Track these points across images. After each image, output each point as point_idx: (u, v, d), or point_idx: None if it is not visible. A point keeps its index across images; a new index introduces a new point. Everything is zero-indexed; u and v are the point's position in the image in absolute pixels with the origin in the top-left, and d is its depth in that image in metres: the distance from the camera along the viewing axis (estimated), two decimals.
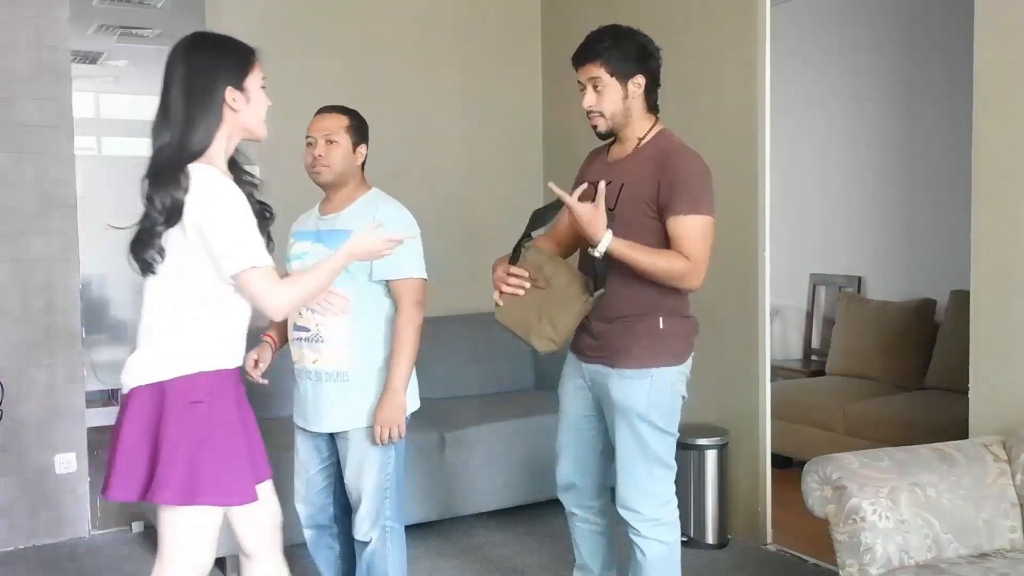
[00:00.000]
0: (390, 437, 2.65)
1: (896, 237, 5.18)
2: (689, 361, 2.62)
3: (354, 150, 2.78)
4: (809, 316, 5.63)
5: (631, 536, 2.60)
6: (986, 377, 2.98)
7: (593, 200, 2.41)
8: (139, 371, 2.10)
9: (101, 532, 4.06)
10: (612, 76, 2.49)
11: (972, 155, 3.00)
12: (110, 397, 4.13)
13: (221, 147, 2.11)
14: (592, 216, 2.37)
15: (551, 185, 2.45)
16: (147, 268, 2.11)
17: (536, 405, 4.18)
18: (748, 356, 3.80)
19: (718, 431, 3.83)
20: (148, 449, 2.04)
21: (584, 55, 2.52)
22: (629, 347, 2.52)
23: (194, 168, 2.03)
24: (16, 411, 3.88)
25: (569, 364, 2.74)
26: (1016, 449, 2.63)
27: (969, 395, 3.03)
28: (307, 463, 2.85)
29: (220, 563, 3.58)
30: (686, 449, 3.79)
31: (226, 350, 2.13)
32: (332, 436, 2.79)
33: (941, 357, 4.63)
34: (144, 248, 2.08)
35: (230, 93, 2.09)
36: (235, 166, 2.21)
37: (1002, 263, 2.93)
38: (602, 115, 2.52)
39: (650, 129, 2.56)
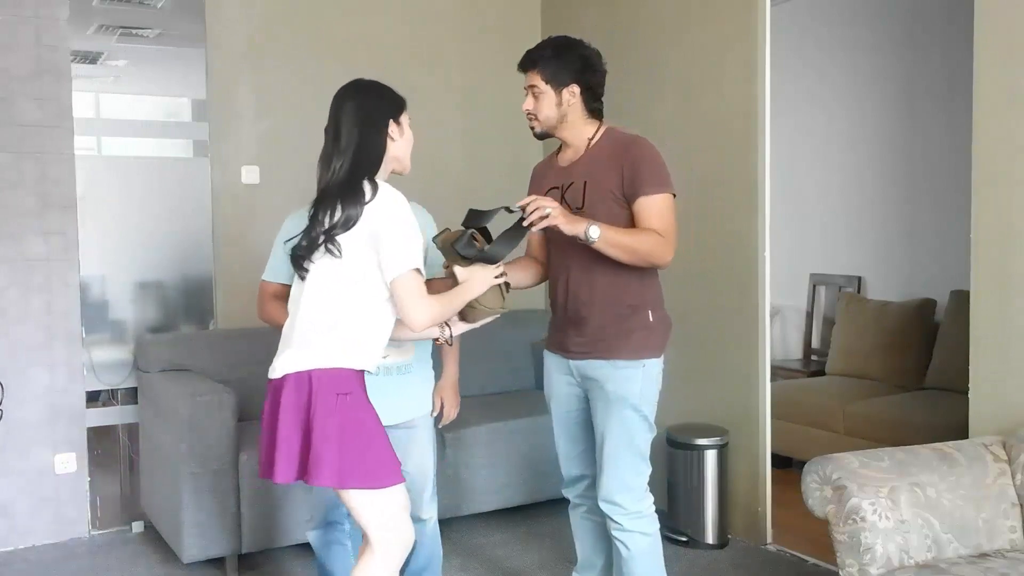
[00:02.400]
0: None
1: (896, 237, 5.18)
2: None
3: None
4: (809, 316, 5.63)
5: (614, 532, 2.67)
6: (986, 377, 2.98)
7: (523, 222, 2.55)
8: (293, 360, 2.28)
9: (101, 532, 4.06)
10: (547, 84, 2.65)
11: (972, 155, 3.00)
12: (110, 397, 4.13)
13: (384, 173, 2.41)
14: (568, 216, 2.51)
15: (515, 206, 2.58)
16: (305, 271, 2.32)
17: (536, 405, 4.16)
18: (748, 356, 3.80)
19: (718, 431, 3.83)
20: (301, 435, 2.24)
21: (524, 63, 2.71)
22: (625, 339, 2.62)
23: (380, 183, 2.32)
24: (16, 411, 3.88)
25: (552, 364, 2.83)
26: (1016, 449, 2.63)
27: (969, 395, 3.03)
28: None
29: (220, 563, 3.58)
30: (686, 449, 3.81)
31: (368, 353, 2.32)
32: None
33: (941, 357, 4.63)
34: (310, 253, 2.30)
35: (391, 126, 2.41)
36: None
37: (1002, 263, 2.93)
38: (536, 118, 2.69)
39: (596, 130, 2.70)
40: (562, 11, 4.88)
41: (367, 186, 2.29)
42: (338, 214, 2.26)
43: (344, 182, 2.29)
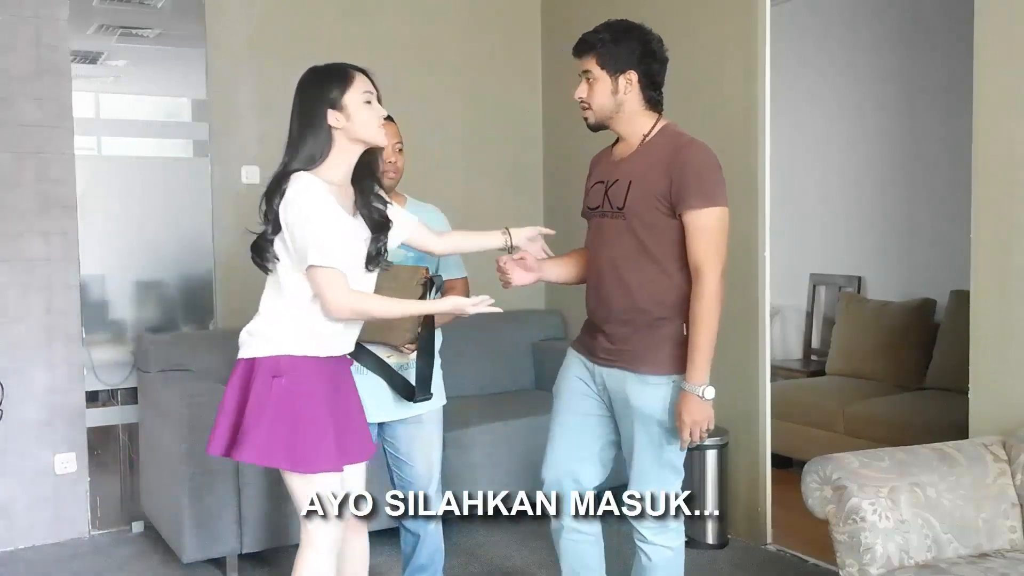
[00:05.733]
0: None
1: (896, 237, 5.18)
2: None
3: None
4: (809, 316, 5.63)
5: (638, 542, 2.57)
6: (986, 377, 2.98)
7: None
8: (243, 347, 2.40)
9: (101, 532, 4.06)
10: (603, 70, 2.47)
11: (972, 155, 3.00)
12: (110, 397, 4.13)
13: (336, 161, 2.35)
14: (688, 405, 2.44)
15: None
16: (264, 269, 2.39)
17: (536, 405, 4.17)
18: (748, 356, 3.80)
19: (718, 431, 3.83)
20: (235, 413, 2.35)
21: (579, 47, 2.52)
22: (654, 353, 2.47)
23: (294, 176, 2.31)
24: (16, 411, 3.88)
25: (574, 364, 2.66)
26: (1016, 449, 2.63)
27: (969, 395, 3.04)
28: None
29: (220, 563, 3.58)
30: (686, 449, 3.80)
31: (313, 340, 2.35)
32: (380, 426, 2.92)
33: (941, 357, 4.63)
34: (259, 252, 2.36)
35: (331, 115, 2.33)
36: (366, 180, 2.44)
37: (1002, 263, 2.93)
38: (590, 107, 2.51)
39: (654, 126, 2.52)
40: (562, 11, 4.88)
41: (287, 181, 2.31)
42: (268, 216, 2.33)
43: (274, 181, 2.35)
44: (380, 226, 2.42)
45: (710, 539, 3.82)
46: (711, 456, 3.78)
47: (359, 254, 2.38)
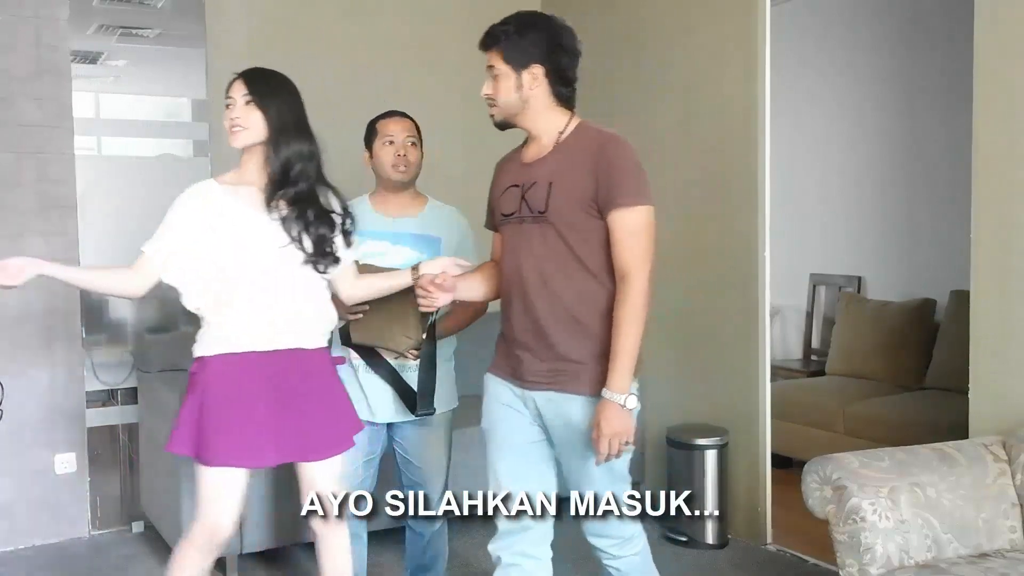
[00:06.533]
0: None
1: (896, 237, 5.18)
2: None
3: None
4: (809, 316, 5.63)
5: (605, 561, 2.50)
6: (986, 377, 2.98)
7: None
8: None
9: (101, 532, 4.06)
10: (507, 64, 2.33)
11: (972, 155, 3.00)
12: (110, 397, 4.13)
13: (243, 160, 2.63)
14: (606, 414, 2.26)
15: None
16: None
17: None
18: (748, 356, 3.80)
19: (718, 431, 3.83)
20: None
21: (484, 40, 2.40)
22: (594, 372, 2.28)
23: None
24: (16, 411, 3.88)
25: (500, 392, 2.46)
26: (1016, 449, 2.63)
27: (969, 395, 3.04)
28: (355, 455, 2.82)
29: (220, 563, 3.57)
30: (686, 449, 3.81)
31: (210, 339, 2.45)
32: (389, 426, 2.91)
33: (941, 357, 4.63)
34: None
35: None
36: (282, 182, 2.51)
37: (1002, 263, 2.93)
38: (496, 104, 2.38)
39: (568, 123, 2.36)
40: (562, 11, 4.85)
41: None
42: None
43: None
44: (308, 220, 2.46)
45: (710, 539, 3.82)
46: (711, 456, 3.79)
47: (269, 257, 2.44)
